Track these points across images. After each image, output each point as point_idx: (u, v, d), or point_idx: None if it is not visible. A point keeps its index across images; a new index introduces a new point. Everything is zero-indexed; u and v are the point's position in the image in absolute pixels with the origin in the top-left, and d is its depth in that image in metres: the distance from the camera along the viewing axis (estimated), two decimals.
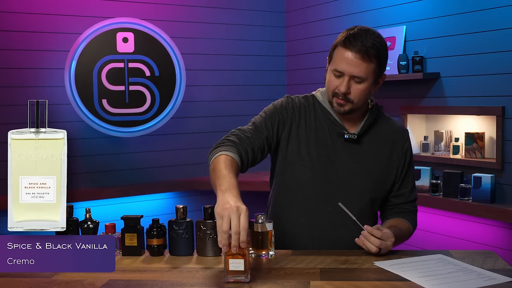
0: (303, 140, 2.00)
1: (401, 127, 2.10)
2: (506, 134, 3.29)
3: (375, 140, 2.03)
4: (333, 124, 2.00)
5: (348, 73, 1.87)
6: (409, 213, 2.09)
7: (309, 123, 2.01)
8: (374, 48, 1.86)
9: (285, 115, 2.01)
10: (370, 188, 2.01)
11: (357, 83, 1.89)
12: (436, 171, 3.65)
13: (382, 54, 1.90)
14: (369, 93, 1.94)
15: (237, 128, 2.01)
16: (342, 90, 1.88)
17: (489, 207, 3.24)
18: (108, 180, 4.27)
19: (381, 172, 2.02)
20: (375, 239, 1.84)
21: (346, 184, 1.99)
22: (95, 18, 4.09)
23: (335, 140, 2.00)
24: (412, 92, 3.83)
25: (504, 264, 1.79)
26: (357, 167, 2.00)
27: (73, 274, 1.76)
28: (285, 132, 2.01)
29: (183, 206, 1.99)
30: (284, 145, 2.01)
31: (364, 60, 1.85)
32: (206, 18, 4.59)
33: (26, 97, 3.96)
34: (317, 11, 4.55)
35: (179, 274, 1.77)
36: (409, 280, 1.65)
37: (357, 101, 1.92)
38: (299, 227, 2.04)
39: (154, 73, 4.17)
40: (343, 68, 1.87)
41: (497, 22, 3.31)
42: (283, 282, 1.67)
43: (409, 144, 2.08)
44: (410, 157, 2.07)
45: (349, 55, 1.86)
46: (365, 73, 1.87)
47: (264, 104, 2.15)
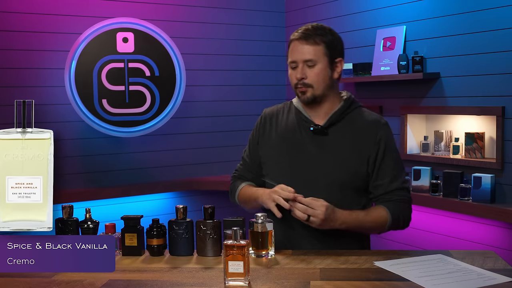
0: (274, 142, 2.14)
1: (375, 119, 2.12)
2: (506, 134, 3.28)
3: (344, 131, 2.08)
4: (302, 120, 2.11)
5: (300, 59, 2.02)
6: (392, 201, 2.05)
7: (281, 124, 2.15)
8: (317, 33, 2.02)
9: (256, 135, 2.21)
10: (339, 179, 2.04)
11: (310, 67, 2.02)
12: (436, 171, 3.65)
13: (330, 40, 2.04)
14: (325, 76, 2.04)
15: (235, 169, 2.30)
16: (298, 76, 2.03)
17: (489, 207, 3.24)
18: (108, 180, 4.27)
19: (351, 163, 2.05)
20: (302, 206, 1.90)
21: (316, 175, 2.05)
22: (95, 18, 4.09)
23: (304, 134, 2.09)
24: (412, 92, 3.82)
25: (504, 264, 1.79)
26: (325, 159, 2.05)
27: (73, 274, 1.76)
28: (260, 146, 2.19)
29: (183, 206, 1.99)
30: (262, 153, 2.18)
31: (308, 43, 2.01)
32: (206, 18, 4.59)
33: (26, 97, 3.95)
34: (317, 11, 4.55)
35: (179, 274, 1.77)
36: (409, 280, 1.65)
37: (316, 85, 2.03)
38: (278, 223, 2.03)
39: (154, 73, 4.17)
40: (294, 57, 2.04)
41: (497, 22, 3.30)
42: (283, 282, 1.67)
43: (382, 135, 2.08)
44: (384, 148, 2.06)
45: (296, 43, 2.04)
46: (313, 55, 2.01)
47: (264, 104, 2.24)
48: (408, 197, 2.09)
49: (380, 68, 3.92)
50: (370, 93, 4.13)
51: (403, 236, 3.95)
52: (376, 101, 4.06)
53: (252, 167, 2.22)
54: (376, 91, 4.08)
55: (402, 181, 2.08)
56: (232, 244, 1.66)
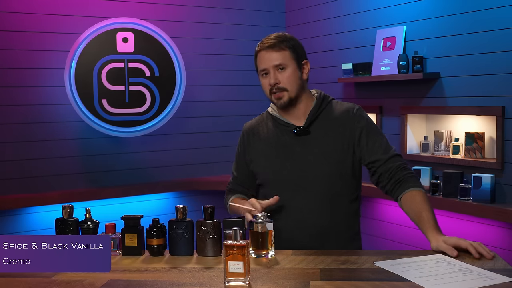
0: (261, 150, 2.23)
1: (348, 107, 2.22)
2: (506, 134, 3.28)
3: (324, 126, 2.18)
4: (282, 126, 2.20)
5: (270, 66, 2.13)
6: (402, 181, 2.09)
7: (263, 135, 2.24)
8: (283, 41, 2.14)
9: (241, 151, 2.30)
10: (326, 170, 2.14)
11: (281, 72, 2.13)
12: (436, 171, 3.65)
13: (293, 45, 2.16)
14: (297, 77, 2.15)
15: (227, 183, 2.39)
16: (272, 81, 2.12)
17: (489, 207, 3.24)
18: (108, 180, 4.27)
19: (335, 153, 2.15)
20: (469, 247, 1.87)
21: (305, 171, 2.14)
22: (95, 18, 4.09)
23: (288, 138, 2.18)
24: (412, 92, 3.82)
25: (504, 264, 1.79)
26: (311, 154, 2.15)
27: (73, 274, 1.76)
28: (248, 160, 2.27)
29: (183, 206, 1.99)
30: (252, 165, 2.26)
31: (276, 51, 2.13)
32: (206, 18, 4.59)
33: (26, 97, 3.97)
34: (317, 11, 4.54)
35: (179, 274, 1.77)
36: (409, 280, 1.64)
37: (290, 87, 2.13)
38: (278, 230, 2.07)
39: (154, 73, 4.17)
40: (264, 65, 2.14)
41: (497, 22, 3.30)
42: (283, 282, 1.66)
43: (358, 115, 2.18)
44: (364, 129, 2.16)
45: (263, 53, 2.15)
46: (282, 60, 2.12)
47: (264, 104, 2.23)
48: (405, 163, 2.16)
49: (380, 68, 3.92)
50: (370, 93, 4.13)
51: (403, 236, 3.95)
52: (376, 101, 4.06)
53: (241, 181, 2.32)
54: (376, 91, 4.08)
55: (393, 149, 2.18)
56: (232, 244, 1.66)
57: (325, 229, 2.14)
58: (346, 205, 2.18)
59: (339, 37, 4.33)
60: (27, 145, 3.98)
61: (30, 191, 3.98)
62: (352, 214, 2.21)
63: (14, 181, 3.96)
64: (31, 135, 3.99)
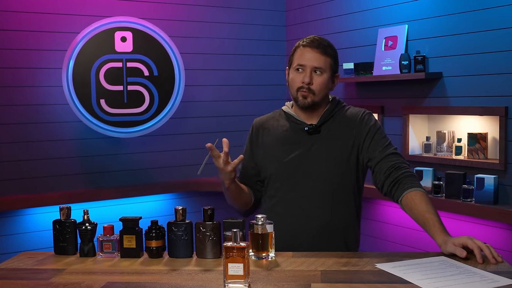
0: (270, 144, 2.28)
1: (358, 111, 2.28)
2: (509, 134, 3.27)
3: (334, 127, 2.24)
4: (294, 123, 2.26)
5: (310, 65, 2.17)
6: (399, 182, 2.10)
7: (273, 129, 2.29)
8: (330, 47, 2.22)
9: (249, 145, 2.35)
10: (332, 167, 2.19)
11: (318, 75, 2.18)
12: (439, 172, 3.63)
13: (335, 55, 2.24)
14: (327, 86, 2.21)
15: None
16: (306, 80, 2.16)
17: (492, 208, 3.22)
18: (106, 181, 4.24)
19: (342, 152, 2.20)
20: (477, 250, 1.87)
21: (312, 166, 2.19)
22: (93, 17, 4.07)
23: (298, 135, 2.24)
24: (414, 92, 3.80)
25: (507, 266, 1.80)
26: (318, 151, 2.20)
27: (71, 277, 1.78)
28: (256, 154, 2.32)
29: (182, 207, 2.00)
30: (259, 158, 2.30)
31: (322, 54, 2.18)
32: (206, 17, 4.57)
33: (23, 97, 3.95)
34: (317, 10, 4.53)
35: (178, 277, 1.77)
36: (411, 283, 1.65)
37: (318, 92, 2.18)
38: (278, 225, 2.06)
39: (153, 73, 4.15)
40: (305, 62, 2.18)
41: (500, 21, 3.28)
42: (283, 284, 1.66)
43: (366, 119, 2.24)
44: (371, 128, 2.21)
45: (310, 51, 2.19)
46: (324, 65, 2.18)
47: (264, 104, 2.28)
48: (402, 161, 2.17)
49: (381, 67, 3.90)
50: (372, 93, 4.11)
51: (405, 238, 3.93)
52: (377, 101, 4.04)
53: (245, 175, 2.34)
54: (377, 91, 4.06)
55: (393, 148, 2.21)
56: (232, 246, 1.65)
57: (326, 226, 2.17)
58: (348, 205, 2.22)
59: (340, 37, 4.31)
60: (24, 146, 3.96)
61: (28, 192, 3.96)
62: (353, 214, 2.24)
63: (12, 182, 3.94)
64: (28, 136, 3.97)
